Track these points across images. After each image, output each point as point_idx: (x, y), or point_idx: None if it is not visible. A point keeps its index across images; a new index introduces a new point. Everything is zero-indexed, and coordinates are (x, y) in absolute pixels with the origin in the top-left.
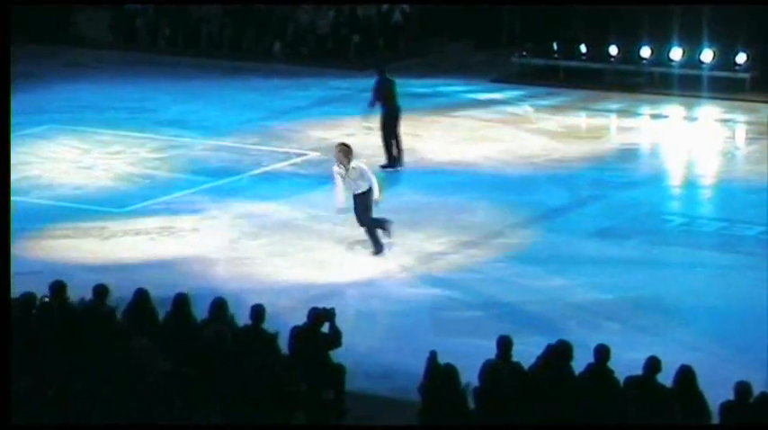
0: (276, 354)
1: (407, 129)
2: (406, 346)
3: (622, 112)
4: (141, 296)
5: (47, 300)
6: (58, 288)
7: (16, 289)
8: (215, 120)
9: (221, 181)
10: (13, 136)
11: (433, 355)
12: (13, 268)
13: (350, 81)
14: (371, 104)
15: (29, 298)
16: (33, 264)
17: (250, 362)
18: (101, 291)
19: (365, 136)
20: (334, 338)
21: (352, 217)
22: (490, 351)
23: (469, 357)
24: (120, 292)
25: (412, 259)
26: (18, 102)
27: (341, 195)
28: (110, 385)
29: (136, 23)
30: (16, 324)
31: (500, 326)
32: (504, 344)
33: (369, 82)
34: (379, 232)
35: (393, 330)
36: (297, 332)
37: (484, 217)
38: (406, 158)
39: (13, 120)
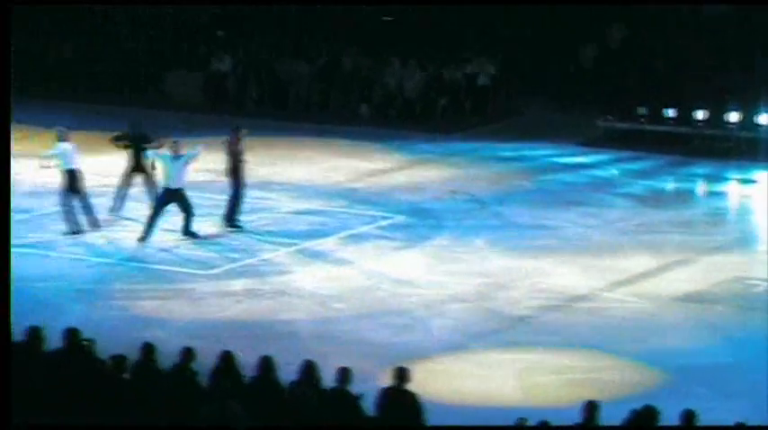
0: (362, 416)
1: (491, 191)
2: (493, 410)
3: (709, 177)
4: (227, 358)
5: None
6: (147, 349)
7: (107, 349)
8: (301, 182)
9: (307, 243)
10: (104, 199)
11: (521, 421)
12: (104, 328)
13: (436, 144)
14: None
15: (119, 360)
16: (122, 325)
17: (336, 424)
18: (188, 353)
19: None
20: (420, 398)
21: (438, 280)
22: (576, 417)
23: (557, 423)
24: (207, 354)
25: (498, 322)
26: (110, 162)
27: None
28: None
29: (225, 85)
30: (108, 384)
31: (586, 392)
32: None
33: (456, 145)
34: None
35: (481, 394)
36: (383, 392)
37: (568, 281)
38: (490, 221)
39: (108, 181)
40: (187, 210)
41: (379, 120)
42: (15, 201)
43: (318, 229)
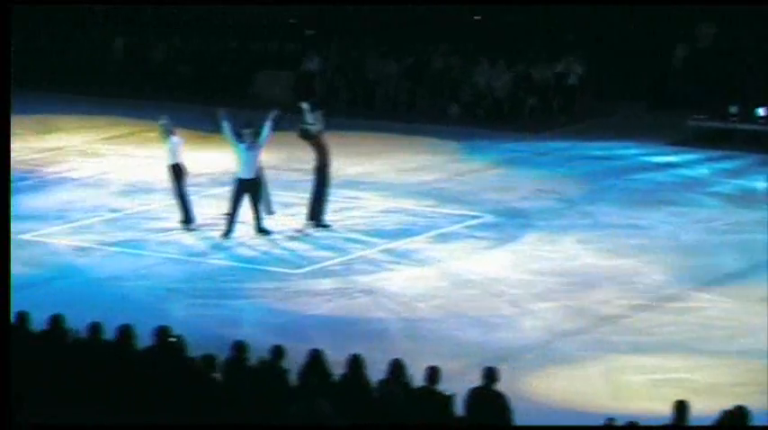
0: (451, 416)
1: (580, 190)
2: (582, 410)
3: None
4: (316, 356)
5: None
6: (238, 348)
7: (197, 348)
8: (391, 181)
9: (396, 242)
10: (196, 198)
11: (610, 421)
12: (193, 327)
13: (525, 144)
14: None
15: (209, 358)
16: (211, 323)
17: (424, 424)
18: (277, 351)
19: (541, 200)
20: (508, 397)
21: (526, 279)
22: (665, 418)
23: (647, 423)
24: (296, 353)
25: (587, 322)
26: (203, 162)
27: None
28: None
29: (314, 85)
30: (198, 382)
31: (675, 392)
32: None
33: (545, 145)
34: None
35: (569, 394)
36: (472, 392)
37: (658, 280)
38: (579, 220)
39: (202, 179)
40: (256, 204)
41: (468, 120)
42: (105, 200)
43: (407, 229)
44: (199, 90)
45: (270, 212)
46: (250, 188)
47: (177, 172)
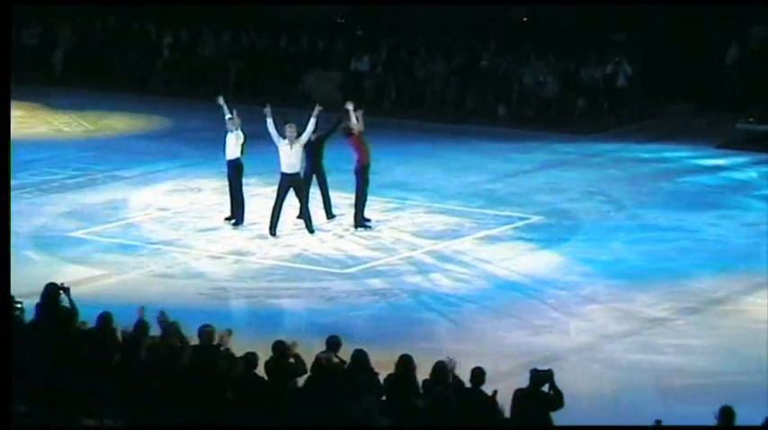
0: (496, 416)
1: (629, 193)
2: (629, 413)
3: None
4: (361, 357)
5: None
6: (281, 348)
7: (243, 347)
8: (438, 182)
9: (444, 243)
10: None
11: (657, 423)
12: (239, 326)
13: (574, 145)
14: None
15: (251, 357)
16: (257, 322)
17: (471, 425)
18: (333, 341)
19: (589, 202)
20: (556, 399)
21: (574, 281)
22: (712, 421)
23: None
24: (341, 353)
25: (634, 325)
26: (249, 162)
27: None
28: None
29: (363, 85)
30: (241, 381)
31: (724, 395)
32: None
33: (594, 146)
34: None
35: (615, 396)
36: (519, 393)
37: (706, 283)
38: (627, 222)
39: (248, 180)
40: (302, 198)
41: (517, 121)
42: (154, 198)
43: (455, 230)
44: (247, 88)
45: (330, 216)
46: (294, 183)
47: (238, 168)
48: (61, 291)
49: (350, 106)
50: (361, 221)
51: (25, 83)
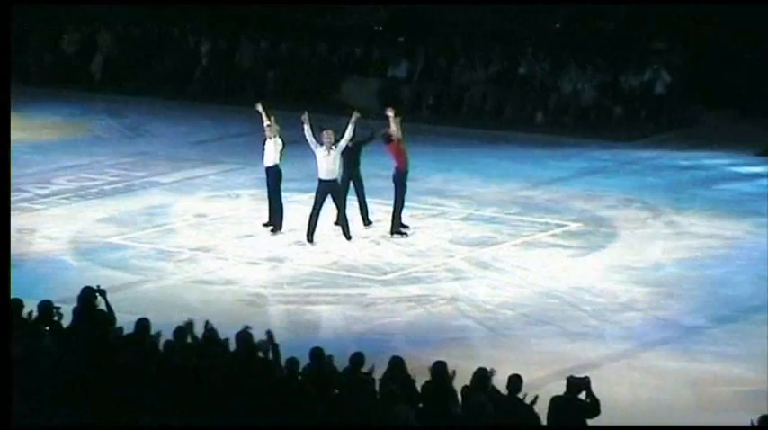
0: (533, 424)
1: (667, 200)
2: (666, 421)
3: None
4: (397, 364)
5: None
6: (317, 354)
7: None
8: (475, 189)
9: (481, 250)
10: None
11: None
12: (277, 334)
13: (612, 152)
14: None
15: (293, 364)
16: (294, 328)
17: None
18: (357, 359)
19: (627, 209)
20: (593, 406)
21: (611, 288)
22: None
23: None
24: (379, 361)
25: (672, 332)
26: (288, 169)
27: None
28: None
29: (401, 92)
30: (281, 387)
31: (762, 403)
32: None
33: (632, 153)
34: None
35: (652, 404)
36: (555, 401)
37: (745, 291)
38: (665, 230)
39: (286, 186)
40: (339, 204)
41: (554, 128)
42: (191, 205)
43: (492, 236)
44: (285, 95)
45: (367, 222)
46: (331, 189)
47: (276, 174)
48: (97, 294)
49: (390, 113)
50: (397, 228)
51: (65, 88)
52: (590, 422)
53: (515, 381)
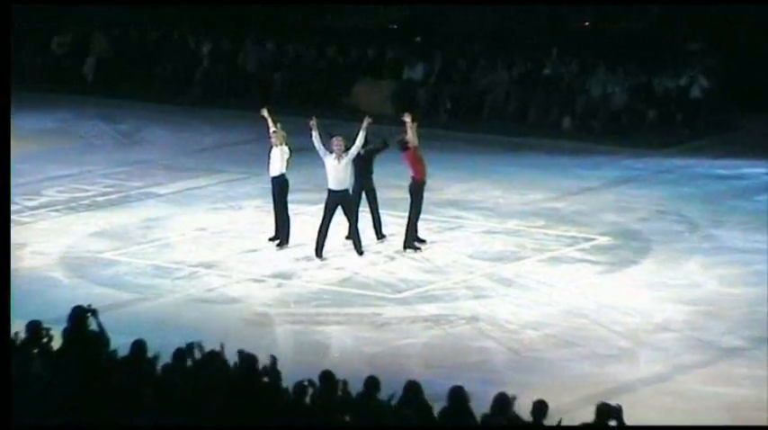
0: None
1: (704, 212)
2: None
3: None
4: (412, 388)
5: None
6: (327, 378)
7: (288, 376)
8: (496, 200)
9: (503, 265)
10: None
11: None
12: (283, 354)
13: (644, 160)
14: None
15: (301, 387)
16: (302, 349)
17: None
18: (371, 383)
19: (661, 222)
20: None
21: (644, 307)
22: None
23: None
24: (393, 385)
25: (709, 354)
26: (295, 179)
27: None
28: None
29: (417, 95)
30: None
31: None
32: None
33: (666, 161)
34: None
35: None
36: (584, 429)
37: None
38: (702, 244)
39: (293, 197)
40: (350, 217)
41: (582, 134)
42: (191, 217)
43: (515, 251)
44: (293, 100)
45: (380, 236)
46: (342, 201)
47: (282, 185)
48: (89, 314)
49: (407, 118)
50: (411, 242)
51: (54, 92)
52: None
53: (540, 408)
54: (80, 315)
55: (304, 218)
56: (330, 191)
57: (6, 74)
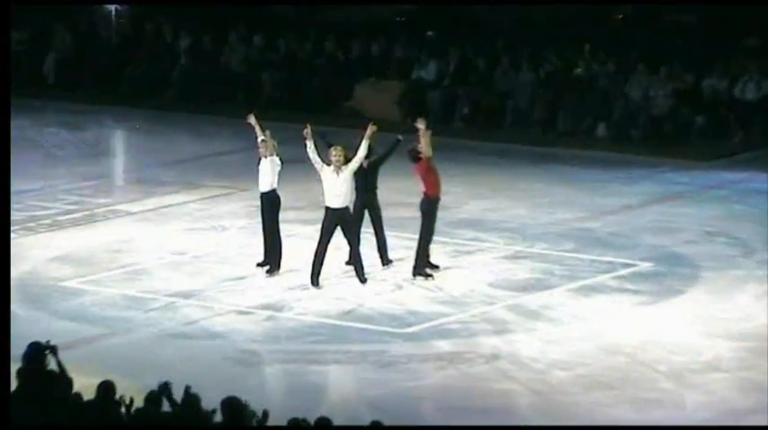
0: None
1: (760, 234)
2: None
3: None
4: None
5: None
6: (324, 425)
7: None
8: (521, 220)
9: (528, 296)
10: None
11: None
12: (272, 398)
13: (691, 174)
14: None
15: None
16: (295, 393)
17: None
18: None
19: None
20: None
21: (691, 344)
22: None
23: None
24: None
25: (762, 398)
26: (288, 193)
27: None
28: None
29: (429, 98)
30: None
31: None
32: None
33: (716, 175)
34: None
35: None
36: None
37: None
38: (758, 271)
39: (286, 216)
40: (351, 239)
41: (620, 143)
42: (167, 239)
43: (542, 279)
44: (285, 103)
45: (386, 261)
46: (341, 220)
47: (273, 201)
48: (47, 352)
49: (421, 125)
50: (422, 268)
51: (11, 95)
52: None
53: None
54: (37, 353)
55: (297, 240)
56: (328, 208)
57: (6, 73)
